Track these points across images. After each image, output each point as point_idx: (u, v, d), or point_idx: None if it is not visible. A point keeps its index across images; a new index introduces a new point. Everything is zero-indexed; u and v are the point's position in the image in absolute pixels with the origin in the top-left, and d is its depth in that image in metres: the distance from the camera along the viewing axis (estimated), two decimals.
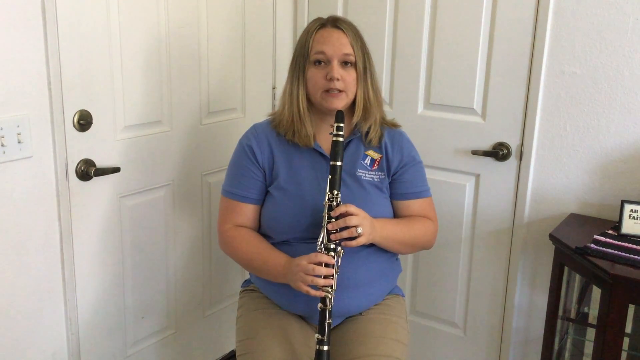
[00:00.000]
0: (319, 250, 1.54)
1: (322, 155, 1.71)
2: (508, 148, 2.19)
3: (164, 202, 2.16)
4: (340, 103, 1.66)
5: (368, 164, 1.72)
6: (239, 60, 2.37)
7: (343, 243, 1.55)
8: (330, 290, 1.52)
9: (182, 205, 2.23)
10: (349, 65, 1.66)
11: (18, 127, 1.65)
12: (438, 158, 2.33)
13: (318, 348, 1.52)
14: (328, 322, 1.52)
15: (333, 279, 1.52)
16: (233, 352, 2.52)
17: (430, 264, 2.44)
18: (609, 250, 1.78)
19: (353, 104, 1.71)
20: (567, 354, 2.25)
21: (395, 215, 1.76)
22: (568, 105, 2.07)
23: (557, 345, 2.09)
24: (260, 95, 2.50)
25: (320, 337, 1.52)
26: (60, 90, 1.74)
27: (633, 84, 1.96)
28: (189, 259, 2.31)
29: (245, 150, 1.73)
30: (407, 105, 2.37)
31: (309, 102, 1.71)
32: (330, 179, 1.56)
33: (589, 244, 1.82)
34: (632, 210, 1.89)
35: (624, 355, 1.98)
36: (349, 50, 1.65)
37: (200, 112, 2.23)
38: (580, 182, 2.09)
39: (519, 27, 2.10)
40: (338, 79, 1.63)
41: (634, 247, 1.81)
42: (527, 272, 2.24)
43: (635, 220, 1.89)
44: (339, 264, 1.55)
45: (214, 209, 2.34)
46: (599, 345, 1.73)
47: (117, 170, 1.92)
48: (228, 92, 2.35)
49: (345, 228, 1.53)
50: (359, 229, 1.53)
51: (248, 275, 1.91)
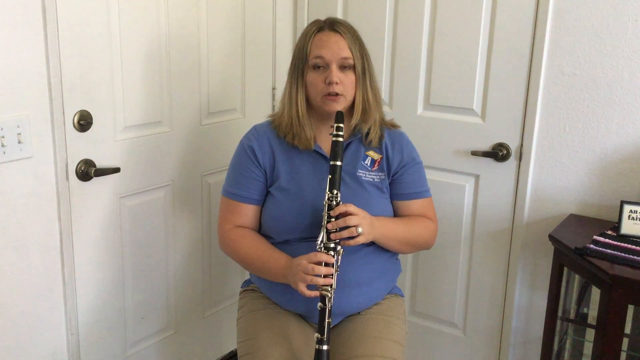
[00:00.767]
0: (319, 250, 1.54)
1: (322, 157, 1.71)
2: (507, 149, 2.19)
3: (164, 202, 2.16)
4: (340, 106, 1.66)
5: (368, 165, 1.73)
6: (239, 61, 2.37)
7: (342, 242, 1.55)
8: (330, 290, 1.52)
9: (182, 206, 2.23)
10: (348, 68, 1.67)
11: (18, 127, 1.65)
12: (438, 159, 2.33)
13: (318, 347, 1.52)
14: (328, 321, 1.52)
15: (333, 278, 1.52)
16: (233, 352, 2.53)
17: (430, 265, 2.44)
18: (609, 251, 1.78)
19: (352, 106, 1.71)
20: (566, 355, 2.26)
21: (396, 216, 1.76)
22: (567, 106, 2.07)
23: (556, 346, 2.09)
24: (260, 96, 2.50)
25: (320, 336, 1.52)
26: (61, 91, 1.74)
27: (632, 85, 1.96)
28: (189, 260, 2.31)
29: (246, 151, 1.74)
30: (406, 106, 2.37)
31: (309, 104, 1.71)
32: (330, 179, 1.56)
33: (589, 245, 1.82)
34: (631, 211, 1.89)
35: (623, 356, 1.98)
36: (347, 54, 1.65)
37: (200, 112, 2.23)
38: (580, 182, 2.09)
39: (519, 27, 2.10)
40: (337, 83, 1.64)
41: (633, 247, 1.81)
42: (526, 272, 2.25)
43: (635, 221, 1.89)
44: (339, 263, 1.56)
45: (214, 210, 2.34)
46: (599, 346, 1.73)
47: (117, 171, 1.92)
48: (228, 92, 2.35)
49: (345, 227, 1.53)
50: (359, 229, 1.54)
51: (248, 276, 1.91)
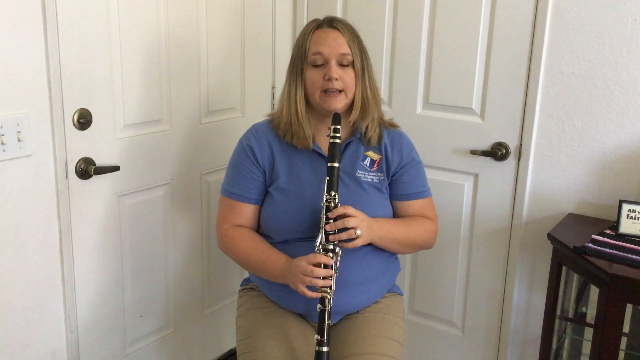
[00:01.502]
0: (318, 251, 1.54)
1: (321, 156, 1.71)
2: (506, 148, 2.19)
3: (163, 201, 2.16)
4: (340, 103, 1.66)
5: (368, 165, 1.73)
6: (239, 60, 2.37)
7: (341, 244, 1.55)
8: (329, 291, 1.52)
9: (181, 204, 2.23)
10: (347, 65, 1.67)
11: (18, 125, 1.65)
12: (437, 158, 2.33)
13: (318, 349, 1.53)
14: (327, 322, 1.53)
15: (332, 280, 1.53)
16: (232, 350, 2.53)
17: (429, 264, 2.44)
18: (607, 250, 1.78)
19: (351, 104, 1.71)
20: (564, 354, 2.26)
21: (396, 216, 1.76)
22: (566, 106, 2.07)
23: (555, 345, 2.09)
24: (260, 95, 2.50)
25: (320, 337, 1.52)
26: (60, 89, 1.74)
27: (631, 85, 1.96)
28: (188, 258, 2.31)
29: (245, 150, 1.74)
30: (406, 105, 2.37)
31: (308, 103, 1.71)
32: (328, 180, 1.56)
33: (587, 244, 1.82)
34: (630, 210, 1.90)
35: (622, 355, 1.98)
36: (346, 50, 1.66)
37: (200, 111, 2.23)
38: (579, 182, 2.10)
39: (518, 27, 2.11)
40: (337, 79, 1.64)
41: (632, 246, 1.81)
42: (525, 271, 2.25)
43: (633, 220, 1.89)
44: (338, 265, 1.56)
45: (213, 208, 2.34)
46: (597, 345, 1.74)
47: (116, 169, 1.92)
48: (227, 91, 2.35)
49: (344, 229, 1.54)
50: (358, 231, 1.54)
51: (247, 274, 1.91)
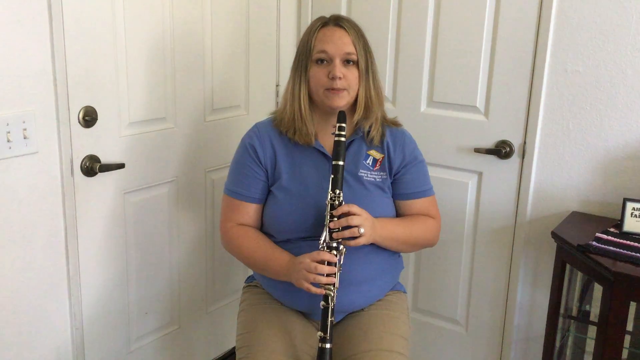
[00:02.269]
0: (321, 249, 1.55)
1: (324, 155, 1.71)
2: (511, 146, 2.19)
3: (168, 198, 2.16)
4: (342, 101, 1.66)
5: (370, 164, 1.73)
6: (243, 58, 2.38)
7: (343, 242, 1.56)
8: (333, 289, 1.53)
9: (185, 202, 2.24)
10: (351, 64, 1.67)
11: (24, 122, 1.66)
12: (441, 156, 2.33)
13: (320, 346, 1.53)
14: (330, 320, 1.53)
15: (335, 277, 1.53)
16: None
17: (433, 261, 2.44)
18: (611, 248, 1.78)
19: (354, 103, 1.71)
20: (568, 352, 2.26)
21: (398, 215, 1.76)
22: (571, 104, 2.07)
23: (558, 343, 2.09)
24: (264, 93, 2.51)
25: (323, 335, 1.53)
26: (66, 87, 1.75)
27: (636, 83, 1.96)
28: (193, 255, 2.32)
29: (248, 150, 1.74)
30: (410, 103, 2.38)
31: (311, 101, 1.71)
32: (333, 178, 1.56)
33: (591, 242, 1.82)
34: (634, 208, 1.90)
35: (625, 353, 1.98)
36: (351, 49, 1.66)
37: (204, 109, 2.24)
38: (583, 180, 2.10)
39: (522, 25, 2.10)
40: (340, 78, 1.64)
41: (636, 245, 1.81)
42: (528, 269, 2.25)
43: (637, 218, 1.89)
44: (341, 263, 1.56)
45: (218, 206, 2.35)
46: (601, 343, 1.74)
47: (121, 167, 1.93)
48: (232, 89, 2.35)
49: (348, 227, 1.54)
50: (361, 229, 1.54)
51: (251, 272, 1.91)
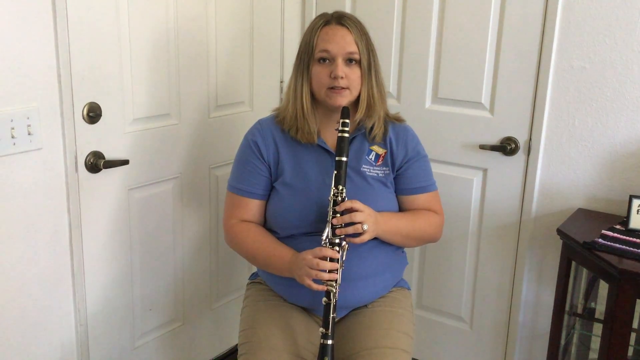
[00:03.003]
0: (324, 245, 1.54)
1: (327, 151, 1.71)
2: (516, 143, 2.18)
3: (172, 194, 2.16)
4: (344, 100, 1.66)
5: (373, 160, 1.72)
6: (247, 54, 2.37)
7: (347, 239, 1.55)
8: (335, 285, 1.52)
9: (189, 198, 2.23)
10: (354, 63, 1.66)
11: (28, 119, 1.66)
12: (445, 152, 2.32)
13: (322, 342, 1.53)
14: (332, 316, 1.53)
15: (337, 274, 1.53)
16: None
17: (437, 258, 2.44)
18: (617, 245, 1.77)
19: (357, 101, 1.71)
20: (573, 349, 2.25)
21: (401, 210, 1.76)
22: (576, 100, 2.06)
23: (563, 340, 2.09)
24: (268, 89, 2.50)
25: (325, 331, 1.53)
26: (70, 83, 1.75)
27: None
28: (197, 252, 2.32)
29: (251, 146, 1.74)
30: (414, 100, 2.37)
31: (314, 98, 1.71)
32: (336, 174, 1.56)
33: (597, 239, 1.81)
34: None
35: (631, 351, 1.98)
36: (354, 49, 1.65)
37: (209, 105, 2.24)
38: (589, 177, 2.09)
39: (528, 21, 2.09)
40: (342, 77, 1.63)
41: None
42: (534, 266, 2.24)
43: None
44: (344, 259, 1.56)
45: (221, 202, 2.34)
46: (606, 341, 1.73)
47: (125, 163, 1.93)
48: (236, 85, 2.35)
49: (351, 224, 1.54)
50: (365, 226, 1.54)
51: (255, 268, 1.91)
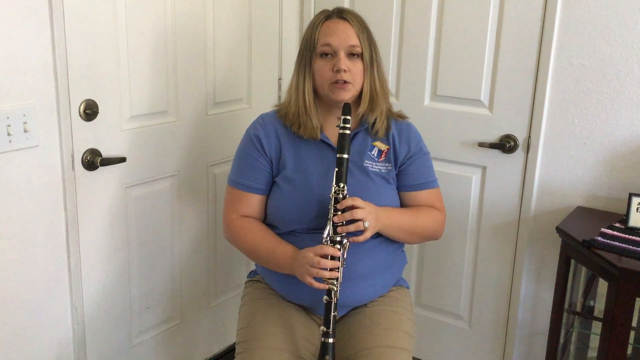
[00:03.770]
0: (325, 243, 1.54)
1: (329, 146, 1.70)
2: (515, 140, 2.18)
3: (170, 192, 2.16)
4: (348, 94, 1.65)
5: (375, 155, 1.72)
6: (245, 51, 2.36)
7: (349, 238, 1.55)
8: (336, 283, 1.52)
9: (187, 196, 2.23)
10: (356, 57, 1.66)
11: (24, 116, 1.65)
12: (444, 150, 2.32)
13: (323, 340, 1.52)
14: (334, 314, 1.52)
15: (339, 272, 1.52)
16: None
17: (436, 256, 2.43)
18: (617, 244, 1.77)
19: (359, 96, 1.70)
20: (572, 347, 2.25)
21: (403, 207, 1.75)
22: (576, 98, 2.06)
23: (562, 339, 2.08)
24: (266, 86, 2.50)
25: (326, 329, 1.52)
26: (67, 80, 1.74)
27: None
28: (194, 250, 2.31)
29: (253, 140, 1.73)
30: (413, 97, 2.36)
31: (316, 94, 1.70)
32: (337, 172, 1.56)
33: (596, 237, 1.81)
34: (639, 204, 1.88)
35: (630, 349, 1.97)
36: (355, 42, 1.65)
37: (206, 102, 2.23)
38: (588, 174, 2.08)
39: (528, 17, 2.09)
40: (345, 71, 1.63)
41: None
42: (533, 265, 2.24)
43: None
44: (345, 257, 1.55)
45: (220, 200, 2.34)
46: (605, 339, 1.73)
47: (123, 160, 1.92)
48: (234, 82, 2.34)
49: (352, 221, 1.53)
50: (366, 223, 1.53)
51: (254, 267, 1.91)
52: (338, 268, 1.52)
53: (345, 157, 1.56)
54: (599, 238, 1.80)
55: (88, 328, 1.95)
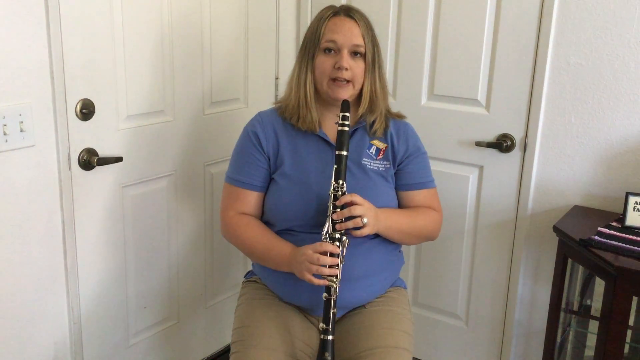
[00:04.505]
0: (324, 240, 1.54)
1: (327, 143, 1.70)
2: (512, 139, 2.18)
3: (167, 192, 2.15)
4: (346, 93, 1.65)
5: (373, 153, 1.72)
6: (242, 50, 2.36)
7: (347, 233, 1.54)
8: (335, 280, 1.52)
9: (184, 196, 2.22)
10: (358, 56, 1.66)
11: (20, 115, 1.64)
12: (441, 149, 2.32)
13: (323, 337, 1.52)
14: (333, 311, 1.52)
15: (338, 269, 1.52)
16: None
17: (433, 256, 2.43)
18: (613, 242, 1.77)
19: (359, 95, 1.70)
20: (569, 347, 2.25)
21: (400, 206, 1.75)
22: (573, 97, 2.06)
23: (559, 338, 2.09)
24: (263, 86, 2.49)
25: (325, 326, 1.52)
26: (63, 79, 1.73)
27: (638, 75, 1.94)
28: (191, 250, 2.30)
29: (250, 137, 1.73)
30: (410, 96, 2.36)
31: (315, 89, 1.70)
32: (336, 169, 1.55)
33: (593, 236, 1.81)
34: (636, 203, 1.88)
35: (627, 348, 1.98)
36: (360, 41, 1.65)
37: (203, 102, 2.22)
38: (585, 174, 2.08)
39: (524, 17, 2.09)
40: (347, 69, 1.63)
41: (639, 239, 1.80)
42: (530, 264, 2.24)
43: None
44: (344, 254, 1.55)
45: (216, 199, 2.33)
46: (603, 338, 1.73)
47: (119, 160, 1.91)
48: (231, 82, 2.34)
49: (350, 218, 1.53)
50: (364, 219, 1.53)
51: (250, 267, 1.90)
52: (337, 265, 1.52)
53: (344, 154, 1.56)
54: (596, 237, 1.81)
55: (85, 328, 1.94)
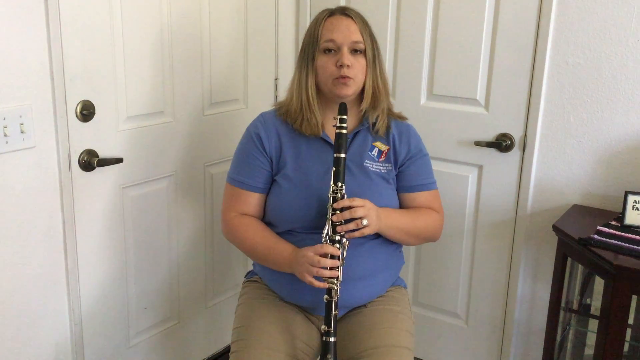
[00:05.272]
0: (324, 242, 1.54)
1: (329, 145, 1.70)
2: (511, 139, 2.18)
3: (167, 193, 2.15)
4: (350, 90, 1.66)
5: (375, 155, 1.72)
6: (242, 51, 2.36)
7: (347, 234, 1.55)
8: (336, 282, 1.52)
9: (184, 196, 2.22)
10: (359, 53, 1.67)
11: (21, 117, 1.65)
12: (441, 149, 2.32)
13: (325, 339, 1.52)
14: (334, 313, 1.52)
15: (339, 271, 1.52)
16: None
17: (433, 255, 2.44)
18: (613, 241, 1.78)
19: (361, 93, 1.71)
20: (569, 345, 2.26)
21: (402, 208, 1.75)
22: (572, 96, 2.06)
23: (559, 337, 2.09)
24: (263, 87, 2.49)
25: (327, 328, 1.52)
26: (63, 81, 1.73)
27: (637, 75, 1.95)
28: (192, 250, 2.31)
29: (253, 138, 1.73)
30: (409, 96, 2.36)
31: (318, 91, 1.71)
32: (335, 171, 1.55)
33: (593, 235, 1.81)
34: (635, 201, 1.89)
35: (627, 346, 1.98)
36: (359, 38, 1.65)
37: (203, 102, 2.23)
38: (584, 173, 2.09)
39: (523, 16, 2.09)
40: (349, 66, 1.63)
41: (638, 238, 1.80)
42: (529, 263, 2.24)
43: (639, 211, 1.88)
44: (344, 256, 1.55)
45: (217, 200, 2.34)
46: (602, 336, 1.73)
47: (119, 161, 1.92)
48: (230, 83, 2.34)
49: (351, 220, 1.53)
50: (364, 221, 1.53)
51: (251, 267, 1.90)
52: (338, 267, 1.52)
53: (342, 156, 1.55)
54: (595, 236, 1.81)
55: (85, 329, 1.94)
